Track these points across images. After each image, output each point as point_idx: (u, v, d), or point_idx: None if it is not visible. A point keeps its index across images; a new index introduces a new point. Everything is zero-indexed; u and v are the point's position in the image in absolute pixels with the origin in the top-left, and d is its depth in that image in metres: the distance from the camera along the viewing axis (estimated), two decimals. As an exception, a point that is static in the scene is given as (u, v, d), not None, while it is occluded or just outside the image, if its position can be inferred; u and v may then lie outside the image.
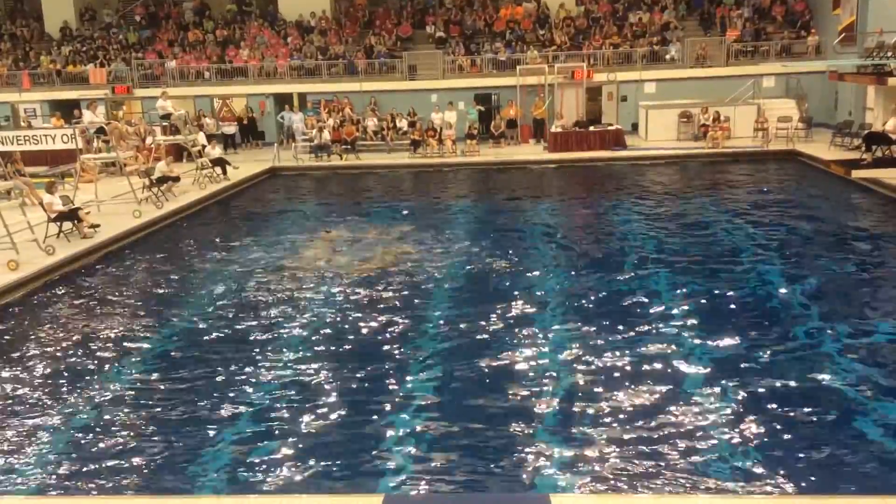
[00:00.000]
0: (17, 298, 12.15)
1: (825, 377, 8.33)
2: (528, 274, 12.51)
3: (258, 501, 6.49)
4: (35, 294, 12.43)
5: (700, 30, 29.90)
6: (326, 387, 8.57)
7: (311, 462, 7.02)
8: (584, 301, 11.09)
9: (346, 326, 10.42)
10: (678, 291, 11.31)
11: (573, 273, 12.53)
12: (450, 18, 31.70)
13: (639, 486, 6.43)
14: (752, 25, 28.97)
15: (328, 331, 10.30)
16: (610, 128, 25.75)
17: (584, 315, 10.50)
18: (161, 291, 12.43)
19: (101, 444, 7.48)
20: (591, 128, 25.70)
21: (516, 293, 11.49)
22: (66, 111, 27.47)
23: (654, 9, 30.68)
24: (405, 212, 18.27)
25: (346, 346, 9.70)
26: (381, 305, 11.18)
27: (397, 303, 11.27)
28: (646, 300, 10.95)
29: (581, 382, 8.39)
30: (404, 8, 32.65)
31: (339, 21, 32.62)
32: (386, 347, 9.64)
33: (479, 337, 9.83)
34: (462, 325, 10.26)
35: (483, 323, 10.28)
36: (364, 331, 10.23)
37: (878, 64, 20.99)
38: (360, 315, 10.81)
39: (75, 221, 15.11)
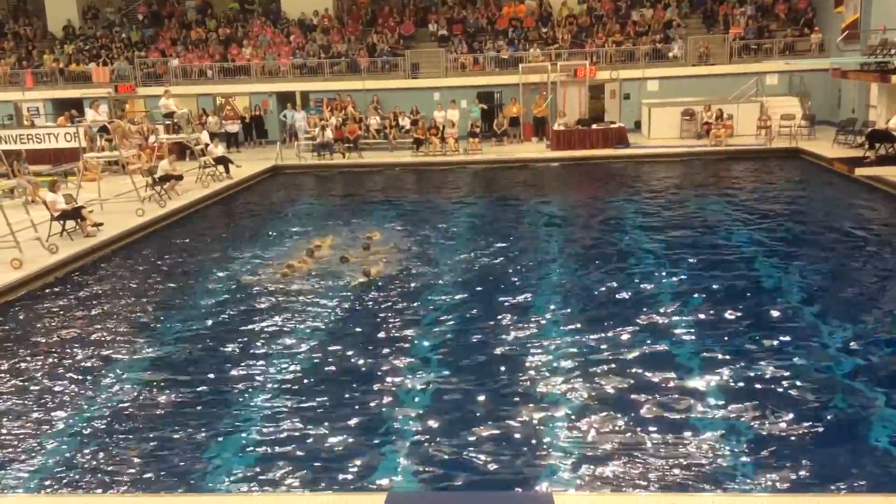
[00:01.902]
0: (20, 297, 12.18)
1: (827, 375, 8.33)
2: (531, 272, 12.50)
3: (262, 499, 6.50)
4: (38, 292, 12.46)
5: (703, 27, 29.86)
6: (330, 384, 8.58)
7: (315, 459, 7.03)
8: (587, 299, 11.09)
9: (349, 324, 10.42)
10: (681, 290, 11.29)
11: (576, 271, 12.52)
12: (452, 16, 31.68)
13: (642, 484, 6.43)
14: (754, 23, 28.92)
15: (332, 328, 10.30)
16: (612, 126, 25.72)
17: (587, 313, 10.49)
18: (164, 290, 12.45)
19: (104, 442, 7.50)
20: (594, 126, 25.67)
21: (519, 291, 11.49)
22: (67, 110, 27.48)
23: (656, 6, 30.63)
24: (407, 210, 18.29)
25: (350, 344, 9.69)
26: (384, 302, 11.18)
27: (400, 299, 11.27)
28: (648, 298, 10.95)
29: (584, 380, 8.38)
30: (407, 6, 32.64)
31: (341, 19, 32.61)
32: (389, 345, 9.63)
33: (482, 335, 9.83)
34: (465, 324, 10.27)
35: (486, 321, 10.28)
36: (367, 327, 10.22)
37: (882, 61, 20.93)
38: (362, 312, 10.82)
39: (78, 220, 15.14)
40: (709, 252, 13.26)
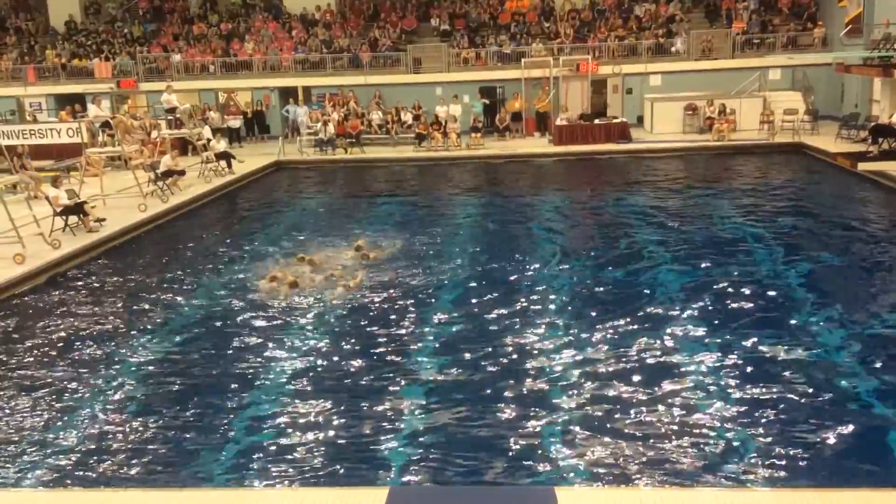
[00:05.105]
0: (23, 292, 12.20)
1: (828, 369, 8.32)
2: (533, 268, 12.50)
3: (264, 494, 6.52)
4: (41, 287, 12.48)
5: (706, 22, 29.77)
6: (332, 380, 8.60)
7: (318, 454, 7.05)
8: (589, 295, 11.08)
9: (351, 319, 10.43)
10: (683, 285, 11.29)
11: (579, 267, 12.52)
12: (454, 11, 31.63)
13: (643, 478, 6.44)
14: (757, 17, 28.83)
15: (334, 323, 10.31)
16: (615, 121, 25.67)
17: (589, 308, 10.49)
18: (167, 286, 12.45)
19: (107, 437, 7.52)
20: (597, 121, 25.63)
21: (522, 287, 11.49)
22: (69, 105, 27.45)
23: (659, 1, 30.55)
24: (409, 206, 18.28)
25: (352, 339, 9.71)
26: (387, 298, 11.17)
27: (403, 295, 11.27)
28: (651, 294, 10.95)
29: (586, 375, 8.39)
30: (409, 1, 32.58)
31: (343, 14, 32.58)
32: (391, 340, 9.65)
33: (485, 330, 9.84)
34: (467, 320, 10.27)
35: (489, 317, 10.29)
36: (370, 323, 10.23)
37: (885, 56, 20.88)
38: (364, 308, 10.82)
39: (81, 215, 15.15)
40: (711, 247, 13.23)
